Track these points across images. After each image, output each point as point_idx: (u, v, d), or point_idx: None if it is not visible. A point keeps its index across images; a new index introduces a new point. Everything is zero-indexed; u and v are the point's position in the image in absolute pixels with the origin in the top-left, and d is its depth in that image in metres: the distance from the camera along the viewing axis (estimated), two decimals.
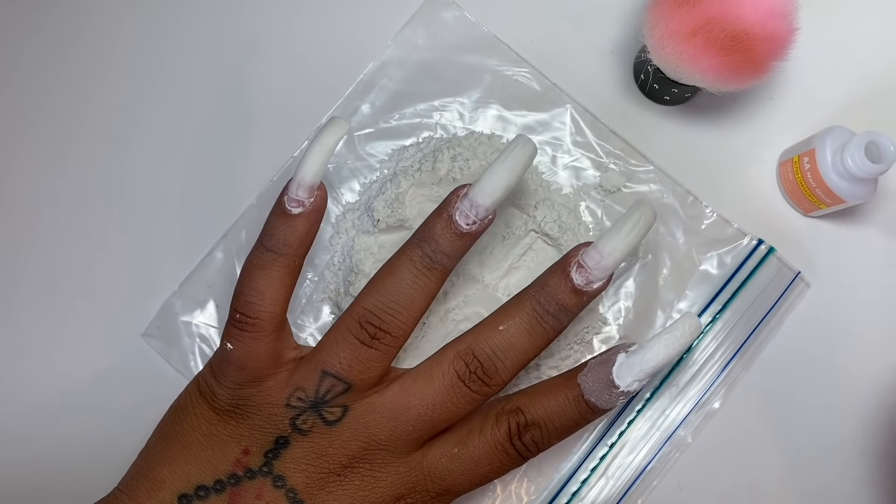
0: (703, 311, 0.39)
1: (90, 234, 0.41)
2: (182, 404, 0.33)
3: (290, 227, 0.33)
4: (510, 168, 0.32)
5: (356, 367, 0.32)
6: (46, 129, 0.42)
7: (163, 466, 0.31)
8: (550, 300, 0.32)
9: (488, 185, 0.32)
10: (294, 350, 0.34)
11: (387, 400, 0.32)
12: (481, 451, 0.32)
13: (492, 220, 0.33)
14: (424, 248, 0.32)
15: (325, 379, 0.32)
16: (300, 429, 0.31)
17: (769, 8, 0.34)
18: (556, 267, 0.33)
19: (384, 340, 0.32)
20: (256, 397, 0.32)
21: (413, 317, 0.33)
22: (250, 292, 0.32)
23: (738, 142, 0.41)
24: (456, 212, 0.32)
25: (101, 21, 0.43)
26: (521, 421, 0.32)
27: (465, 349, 0.32)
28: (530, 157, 0.32)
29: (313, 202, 0.33)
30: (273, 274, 0.32)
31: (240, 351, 0.32)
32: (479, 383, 0.32)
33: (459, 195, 0.32)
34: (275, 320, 0.33)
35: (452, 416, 0.32)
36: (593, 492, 0.38)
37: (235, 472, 0.31)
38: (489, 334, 0.32)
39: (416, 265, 0.32)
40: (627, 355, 0.31)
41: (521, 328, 0.32)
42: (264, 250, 0.33)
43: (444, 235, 0.32)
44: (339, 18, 0.42)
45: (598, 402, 0.32)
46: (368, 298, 0.33)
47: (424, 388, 0.32)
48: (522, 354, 0.32)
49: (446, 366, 0.32)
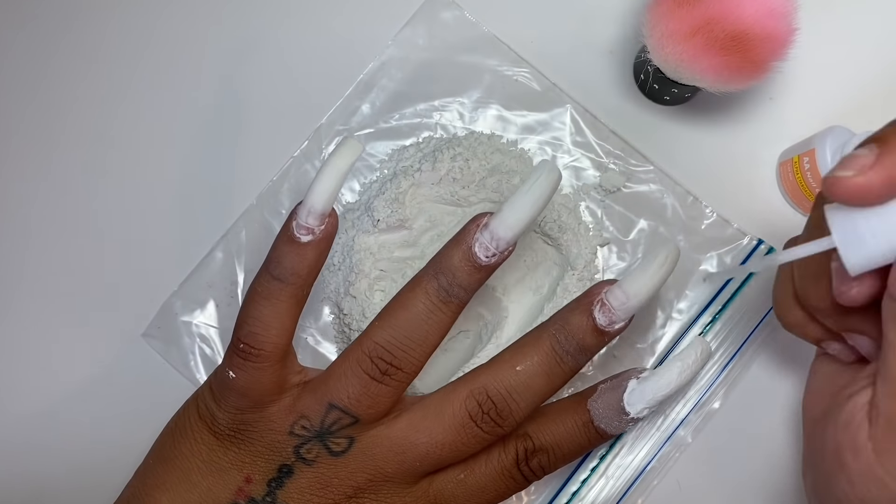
0: (703, 311, 0.39)
1: (90, 234, 0.41)
2: (181, 426, 0.32)
3: (298, 256, 0.31)
4: (534, 199, 0.30)
5: (365, 402, 0.31)
6: (46, 129, 0.42)
7: (161, 493, 0.30)
8: (571, 340, 0.31)
9: (510, 216, 0.30)
10: (298, 374, 0.32)
11: (394, 434, 0.31)
12: (488, 478, 0.32)
13: (512, 251, 0.31)
14: (441, 280, 0.31)
15: (332, 411, 0.31)
16: (304, 458, 0.30)
17: (769, 8, 0.34)
18: (578, 305, 0.31)
19: (395, 377, 0.31)
20: (259, 423, 0.31)
21: (426, 352, 0.31)
22: (255, 322, 0.31)
23: (738, 142, 0.41)
24: (475, 243, 0.30)
25: (101, 21, 0.43)
26: (529, 447, 0.32)
27: (480, 388, 0.31)
28: (555, 185, 0.30)
29: (324, 229, 0.31)
30: (280, 305, 0.31)
31: (243, 380, 0.31)
32: (491, 424, 0.31)
33: (479, 224, 0.30)
34: (280, 351, 0.31)
35: (460, 455, 0.31)
36: (593, 492, 0.38)
37: (237, 501, 0.30)
38: (506, 374, 0.31)
39: (431, 299, 0.31)
40: (639, 382, 0.31)
41: (540, 369, 0.31)
42: (270, 279, 0.31)
43: (462, 268, 0.30)
44: (339, 18, 0.42)
45: (606, 429, 0.32)
46: (381, 332, 0.31)
47: (434, 425, 0.31)
48: (538, 396, 0.31)
49: (458, 404, 0.31)
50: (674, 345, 0.39)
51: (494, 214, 0.31)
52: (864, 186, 0.23)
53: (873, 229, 0.24)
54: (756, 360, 0.39)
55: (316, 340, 0.40)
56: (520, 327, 0.38)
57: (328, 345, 0.40)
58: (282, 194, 0.40)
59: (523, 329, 0.37)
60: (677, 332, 0.39)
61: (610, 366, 0.39)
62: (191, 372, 0.39)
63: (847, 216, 0.25)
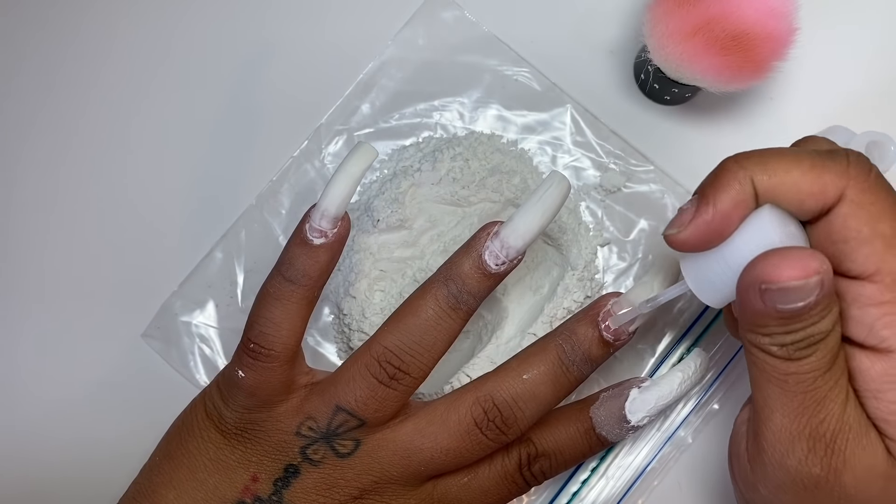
0: (704, 311, 0.39)
1: (89, 234, 0.41)
2: (188, 424, 0.32)
3: (311, 258, 0.31)
4: (544, 209, 0.31)
5: (372, 405, 0.31)
6: (45, 129, 0.42)
7: (168, 490, 0.31)
8: (577, 350, 0.31)
9: (521, 225, 0.31)
10: (306, 375, 0.33)
11: (400, 438, 0.31)
12: (491, 482, 0.32)
13: (521, 260, 0.32)
14: (451, 287, 0.31)
15: (339, 414, 0.31)
16: (311, 459, 0.31)
17: (769, 8, 0.34)
18: (585, 315, 0.32)
19: (403, 381, 0.31)
20: (266, 422, 0.31)
21: (434, 358, 0.32)
22: (266, 323, 0.31)
23: (738, 142, 0.41)
24: (486, 251, 0.31)
25: (100, 22, 0.43)
26: (532, 452, 0.32)
27: (486, 396, 0.31)
28: (565, 195, 0.31)
29: (336, 233, 0.31)
30: (290, 306, 0.31)
31: (251, 380, 0.31)
32: (496, 432, 0.31)
33: (490, 233, 0.31)
34: (290, 352, 0.32)
35: (464, 461, 0.32)
36: (593, 492, 0.38)
37: (244, 499, 0.30)
38: (512, 382, 0.31)
39: (440, 305, 0.31)
40: (640, 391, 0.32)
41: (546, 378, 0.31)
42: (282, 280, 0.31)
43: (472, 276, 0.31)
44: (339, 18, 0.42)
45: (608, 436, 0.32)
46: (390, 337, 0.31)
47: (439, 431, 0.31)
48: (544, 405, 0.32)
49: (464, 411, 0.31)
50: (674, 345, 0.39)
51: (505, 223, 0.31)
52: (686, 241, 0.27)
53: (714, 270, 0.27)
54: None
55: (316, 340, 0.40)
56: (520, 327, 0.38)
57: (328, 345, 0.40)
58: (281, 194, 0.40)
59: (523, 329, 0.37)
60: (678, 332, 0.39)
61: (610, 366, 0.39)
62: (190, 372, 0.39)
63: (694, 261, 0.28)
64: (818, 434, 0.26)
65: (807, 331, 0.25)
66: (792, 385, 0.26)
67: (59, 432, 0.39)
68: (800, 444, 0.26)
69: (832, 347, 0.26)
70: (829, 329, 0.25)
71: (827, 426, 0.26)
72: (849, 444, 0.26)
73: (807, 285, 0.24)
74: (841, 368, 0.26)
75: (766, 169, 0.26)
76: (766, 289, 0.24)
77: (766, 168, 0.26)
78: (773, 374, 0.26)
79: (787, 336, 0.25)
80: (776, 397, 0.26)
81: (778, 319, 0.25)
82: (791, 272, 0.24)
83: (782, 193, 0.26)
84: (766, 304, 0.25)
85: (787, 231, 0.26)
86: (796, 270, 0.24)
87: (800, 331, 0.25)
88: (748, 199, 0.26)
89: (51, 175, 0.41)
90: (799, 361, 0.26)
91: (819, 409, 0.26)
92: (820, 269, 0.24)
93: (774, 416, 0.26)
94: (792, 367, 0.26)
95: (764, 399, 0.27)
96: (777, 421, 0.26)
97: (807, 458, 0.26)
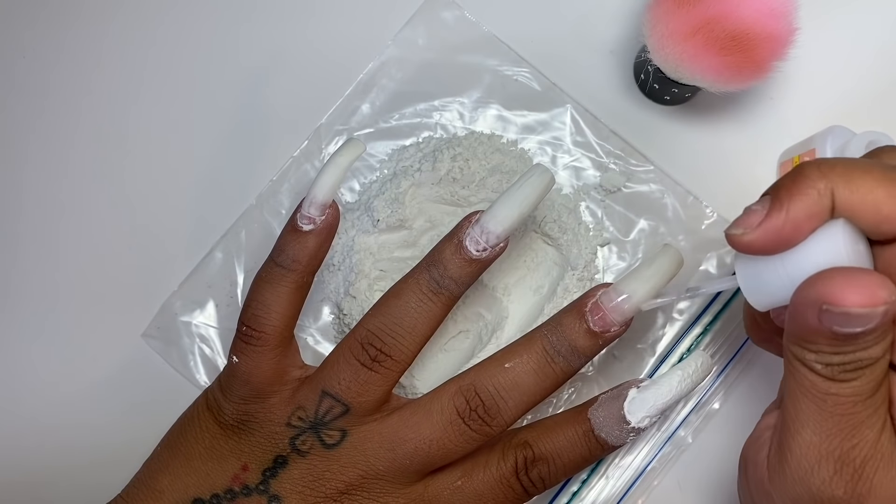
0: (704, 312, 0.39)
1: (89, 234, 0.41)
2: (189, 416, 0.34)
3: (299, 244, 0.33)
4: (523, 196, 0.31)
5: (354, 388, 0.31)
6: (45, 130, 0.42)
7: (163, 476, 0.32)
8: (563, 340, 0.31)
9: (500, 212, 0.31)
10: (300, 369, 0.34)
11: (385, 429, 0.31)
12: (486, 486, 0.31)
13: (504, 248, 0.32)
14: (432, 272, 0.32)
15: (325, 399, 0.32)
16: (299, 449, 0.31)
17: (769, 8, 0.34)
18: (572, 306, 0.32)
19: (385, 364, 0.32)
20: (259, 414, 0.32)
21: (416, 342, 0.32)
22: (257, 305, 0.33)
23: (738, 142, 0.41)
24: (466, 237, 0.31)
25: (99, 22, 0.43)
26: (529, 455, 0.32)
27: (468, 385, 0.31)
28: (546, 186, 0.32)
29: (324, 220, 0.33)
30: (281, 289, 0.33)
31: (245, 364, 0.32)
32: (479, 422, 0.31)
33: (472, 220, 0.32)
34: (279, 335, 0.33)
35: (449, 454, 0.31)
36: (593, 492, 0.38)
37: (232, 487, 0.31)
38: (494, 371, 0.31)
39: (422, 289, 0.32)
40: (639, 390, 0.31)
41: (529, 367, 0.31)
42: (274, 265, 0.33)
43: (453, 261, 0.32)
44: (339, 18, 0.42)
45: (608, 438, 0.32)
46: (372, 320, 0.32)
47: (422, 420, 0.31)
48: (528, 395, 0.31)
49: (446, 401, 0.31)
50: (674, 345, 0.39)
51: (485, 210, 0.32)
52: (751, 244, 0.25)
53: (771, 275, 0.26)
54: (756, 360, 0.39)
55: (316, 340, 0.40)
56: (520, 327, 0.38)
57: (328, 345, 0.40)
58: (281, 194, 0.40)
59: (523, 329, 0.37)
60: (678, 332, 0.39)
61: (610, 366, 0.39)
62: (190, 372, 0.39)
63: (752, 262, 0.27)
64: (848, 458, 0.25)
65: (857, 354, 0.24)
66: (830, 406, 0.25)
67: (60, 432, 0.39)
68: (827, 464, 0.25)
69: (878, 375, 0.25)
70: (878, 356, 0.24)
71: (858, 452, 0.25)
72: (878, 472, 0.25)
73: (871, 314, 0.23)
74: (883, 396, 0.25)
75: (850, 184, 0.24)
76: (826, 310, 0.23)
77: (850, 183, 0.24)
78: (811, 391, 0.25)
79: (835, 357, 0.24)
80: (810, 413, 0.25)
81: (830, 340, 0.24)
82: (857, 298, 0.23)
83: (861, 212, 0.24)
84: (821, 323, 0.24)
85: (857, 250, 0.25)
86: (863, 298, 0.23)
87: (849, 353, 0.24)
88: (824, 210, 0.25)
89: (51, 176, 0.41)
90: (841, 383, 0.25)
91: (853, 433, 0.25)
92: (888, 300, 0.23)
93: (805, 432, 0.25)
94: (833, 387, 0.25)
95: (796, 412, 0.26)
96: (807, 437, 0.25)
97: (832, 479, 0.25)
